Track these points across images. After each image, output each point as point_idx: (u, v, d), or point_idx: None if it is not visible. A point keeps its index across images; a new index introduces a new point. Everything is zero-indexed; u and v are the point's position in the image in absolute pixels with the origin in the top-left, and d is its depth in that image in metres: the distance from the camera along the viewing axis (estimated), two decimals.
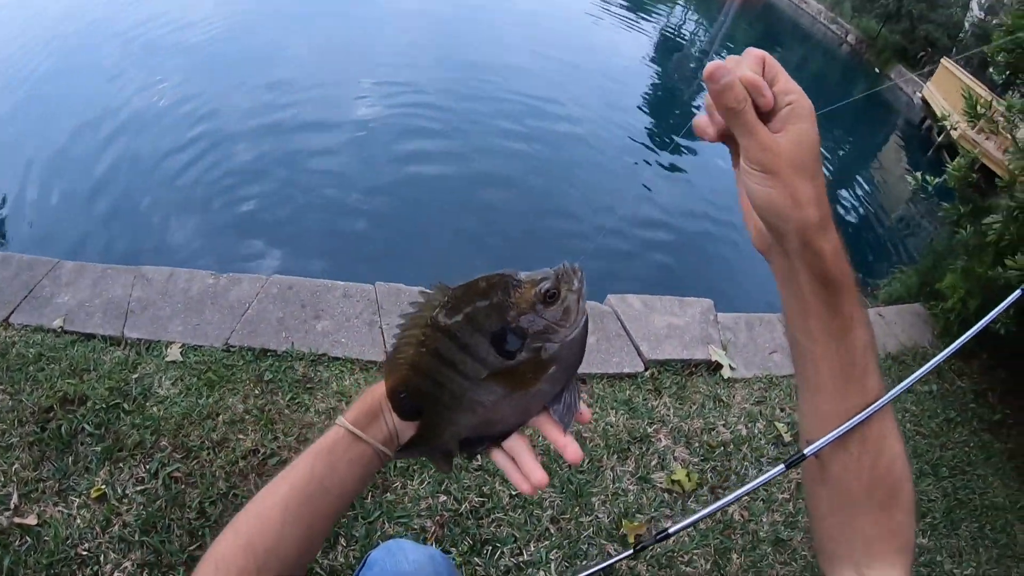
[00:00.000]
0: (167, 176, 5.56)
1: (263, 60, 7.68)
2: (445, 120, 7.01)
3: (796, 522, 2.78)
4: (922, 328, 4.47)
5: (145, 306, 2.88)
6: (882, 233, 8.18)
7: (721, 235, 6.40)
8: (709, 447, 2.98)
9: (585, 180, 6.66)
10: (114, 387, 2.47)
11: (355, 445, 0.77)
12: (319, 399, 2.67)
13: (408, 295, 3.26)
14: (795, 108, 0.61)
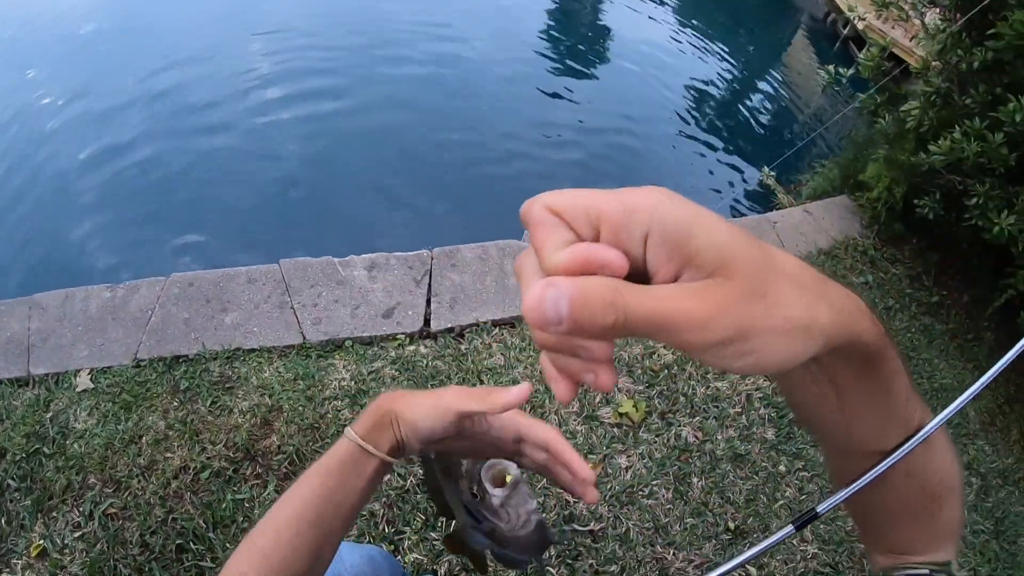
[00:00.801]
0: (45, 188, 5.51)
1: (140, 39, 7.46)
2: (337, 73, 6.95)
3: (751, 435, 3.07)
4: (850, 219, 4.80)
5: (45, 337, 2.96)
6: (798, 130, 8.41)
7: (631, 150, 6.52)
8: (652, 372, 3.23)
9: (494, 107, 6.73)
10: (30, 432, 2.59)
11: (364, 458, 0.84)
12: (241, 397, 2.81)
13: (316, 267, 3.38)
14: (656, 234, 0.39)
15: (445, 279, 3.43)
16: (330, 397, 2.85)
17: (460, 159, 5.94)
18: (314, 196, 5.28)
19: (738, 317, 0.37)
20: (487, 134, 6.40)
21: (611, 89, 7.87)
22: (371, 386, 2.92)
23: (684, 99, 8.05)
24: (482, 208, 5.38)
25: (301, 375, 2.92)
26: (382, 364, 3.04)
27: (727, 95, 8.70)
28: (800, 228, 4.54)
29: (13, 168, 5.68)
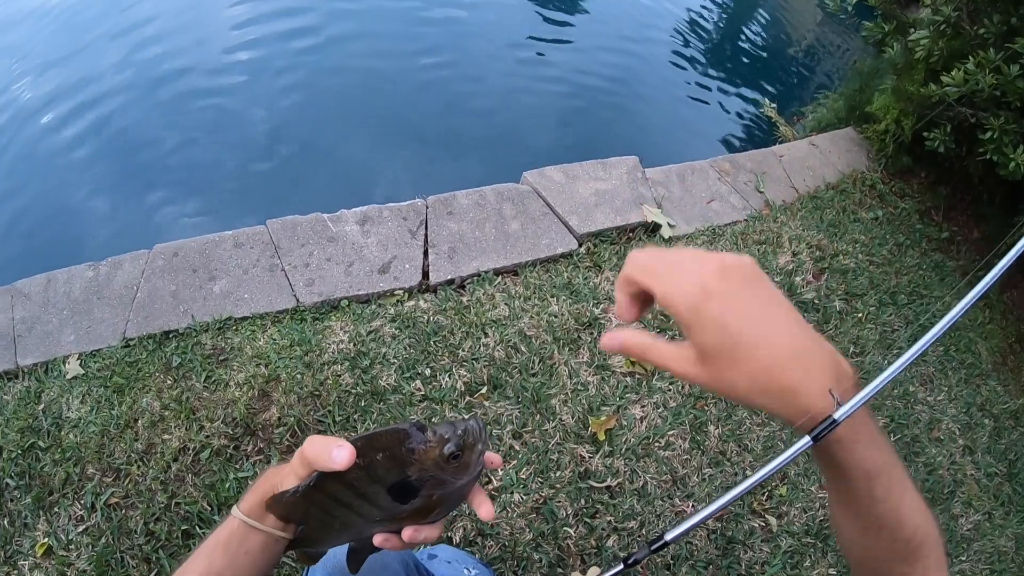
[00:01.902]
0: (15, 166, 5.40)
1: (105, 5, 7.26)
2: (312, 17, 6.76)
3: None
4: (857, 152, 4.72)
5: (31, 325, 2.88)
6: (800, 60, 8.19)
7: (625, 87, 6.34)
8: (663, 317, 3.18)
9: (481, 59, 6.55)
10: (24, 427, 2.53)
11: (252, 535, 0.80)
12: (236, 369, 2.74)
13: (305, 225, 3.28)
14: (665, 305, 0.64)
15: (442, 228, 3.34)
16: (329, 362, 2.79)
17: (447, 100, 5.78)
18: (300, 152, 5.14)
19: (704, 383, 0.63)
20: (474, 71, 6.24)
21: (602, 19, 7.65)
22: (371, 347, 2.85)
23: (677, 29, 7.83)
24: (475, 150, 5.24)
25: (297, 341, 2.85)
26: (381, 323, 2.97)
27: (723, 24, 8.46)
28: (807, 162, 4.44)
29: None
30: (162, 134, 5.36)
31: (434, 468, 0.71)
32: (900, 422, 3.07)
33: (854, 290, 3.58)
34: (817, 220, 3.98)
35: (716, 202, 3.85)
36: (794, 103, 6.39)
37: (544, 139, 5.43)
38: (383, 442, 0.71)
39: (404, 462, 0.71)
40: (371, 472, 0.71)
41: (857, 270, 3.71)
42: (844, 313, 3.44)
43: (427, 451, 0.71)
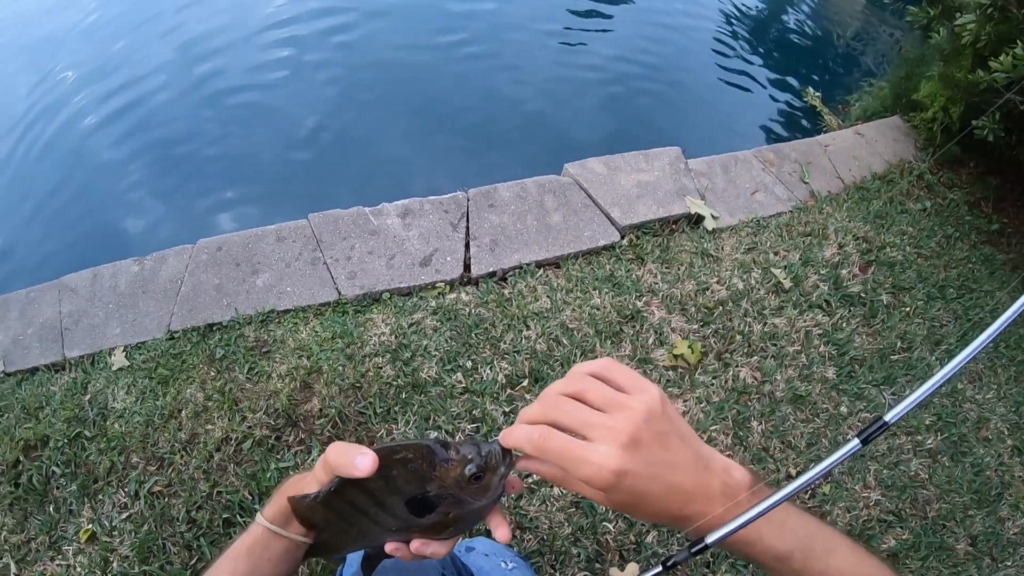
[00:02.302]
0: (62, 165, 5.53)
1: (147, 8, 7.43)
2: (349, 12, 6.82)
3: (811, 374, 2.98)
4: (904, 142, 4.57)
5: (78, 319, 2.94)
6: (846, 46, 8.03)
7: (666, 75, 6.27)
8: (707, 309, 3.12)
9: (521, 49, 6.54)
10: (71, 417, 2.58)
11: (276, 541, 0.82)
12: (279, 361, 2.77)
13: (347, 219, 3.29)
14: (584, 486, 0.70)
15: (483, 221, 3.33)
16: (370, 354, 2.80)
17: (487, 91, 5.78)
18: (340, 145, 5.18)
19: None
20: (513, 61, 6.22)
21: (642, 6, 7.61)
22: (412, 339, 2.85)
23: (720, 16, 7.74)
24: (516, 141, 5.22)
25: (339, 333, 2.86)
26: (422, 315, 2.97)
27: (766, 10, 8.34)
28: (852, 151, 4.32)
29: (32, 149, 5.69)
30: (204, 130, 5.44)
31: (454, 487, 0.72)
32: (947, 420, 2.98)
33: (902, 283, 3.48)
34: (864, 211, 3.88)
35: (760, 193, 3.78)
36: (839, 91, 6.26)
37: (585, 129, 5.40)
38: (406, 455, 0.71)
39: (425, 478, 0.72)
40: (391, 483, 0.72)
41: (905, 263, 3.61)
42: (891, 307, 3.35)
43: (449, 470, 0.72)
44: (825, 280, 3.36)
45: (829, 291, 3.31)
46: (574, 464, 0.66)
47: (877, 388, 2.97)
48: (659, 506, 0.68)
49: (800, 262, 3.41)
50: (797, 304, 3.22)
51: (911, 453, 2.82)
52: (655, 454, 0.67)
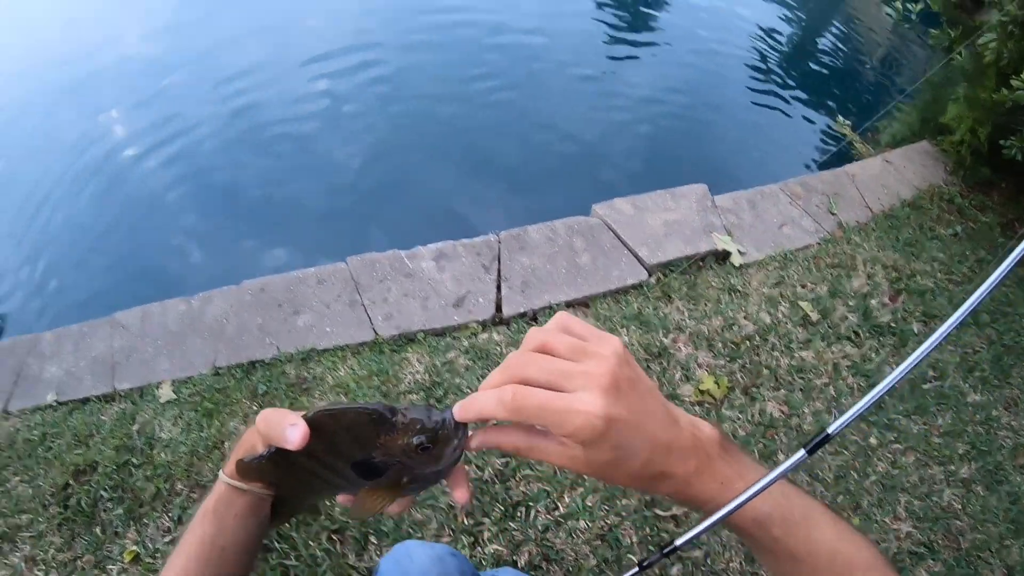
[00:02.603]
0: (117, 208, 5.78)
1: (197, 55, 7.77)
2: (385, 61, 7.05)
3: (840, 406, 2.95)
4: (933, 166, 4.57)
5: (128, 354, 3.12)
6: (874, 73, 8.04)
7: (695, 112, 6.34)
8: (734, 345, 3.16)
9: (550, 89, 6.68)
10: (119, 445, 2.73)
11: (238, 497, 0.80)
12: (318, 397, 2.89)
13: (383, 262, 3.43)
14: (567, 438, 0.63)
15: (514, 263, 3.43)
16: (405, 391, 2.90)
17: (518, 134, 5.91)
18: (378, 188, 5.35)
19: (587, 475, 0.65)
20: (542, 103, 6.35)
21: (670, 44, 7.70)
22: (445, 377, 2.95)
23: (747, 51, 7.79)
24: (545, 184, 5.33)
25: (375, 371, 2.97)
26: (456, 354, 3.07)
27: (792, 41, 8.37)
28: (881, 179, 4.34)
29: (85, 189, 5.97)
30: (246, 173, 5.68)
31: (401, 455, 0.67)
32: (982, 448, 2.94)
33: (933, 311, 3.46)
34: (893, 240, 3.89)
35: (787, 227, 3.83)
36: (870, 118, 6.27)
37: (614, 168, 5.49)
38: (348, 420, 0.67)
39: (368, 445, 0.68)
40: (333, 448, 0.69)
41: (936, 290, 3.59)
42: (922, 336, 3.31)
43: (394, 439, 0.67)
44: (853, 311, 3.37)
45: (858, 322, 3.32)
46: (558, 417, 0.59)
47: (908, 419, 2.96)
48: (638, 462, 0.63)
49: (828, 294, 3.43)
50: (825, 336, 3.24)
51: (944, 483, 2.79)
52: (634, 400, 0.62)
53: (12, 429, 2.98)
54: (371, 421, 0.67)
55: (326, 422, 0.67)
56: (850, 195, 4.18)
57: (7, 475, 2.79)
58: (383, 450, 0.67)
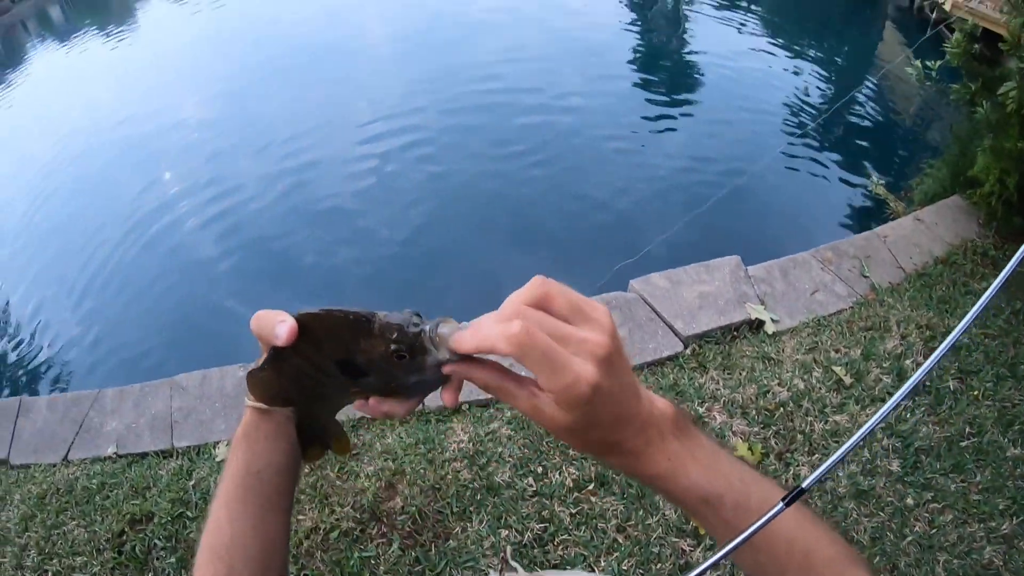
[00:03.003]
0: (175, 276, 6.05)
1: (260, 127, 8.11)
2: (439, 143, 7.29)
3: (875, 468, 2.97)
4: (965, 221, 4.53)
5: (187, 414, 3.33)
6: (902, 132, 8.08)
7: (723, 183, 6.43)
8: (768, 412, 3.21)
9: (587, 161, 6.84)
10: (175, 498, 2.90)
11: (266, 419, 0.81)
12: (366, 463, 3.06)
13: None
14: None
15: None
16: (449, 459, 3.04)
17: (557, 208, 6.06)
18: (420, 259, 5.53)
19: (547, 429, 0.62)
20: (579, 176, 6.51)
21: (707, 117, 7.86)
22: (488, 446, 3.09)
23: (783, 116, 7.91)
24: (586, 257, 5.47)
25: (422, 440, 3.14)
26: (498, 424, 3.21)
27: (825, 105, 8.44)
28: (912, 239, 4.36)
29: (149, 261, 6.24)
30: (300, 246, 5.91)
31: (382, 362, 0.67)
32: (1023, 503, 2.89)
33: (968, 367, 3.43)
34: (926, 298, 3.88)
35: (820, 292, 3.89)
36: (903, 176, 6.26)
37: (650, 239, 5.59)
38: (329, 322, 0.68)
39: (349, 348, 0.68)
40: (319, 349, 0.70)
41: (971, 345, 3.56)
42: (958, 392, 3.31)
43: (372, 345, 0.66)
44: (888, 373, 3.38)
45: (892, 383, 3.32)
46: (554, 369, 0.58)
47: (945, 477, 2.94)
48: (605, 432, 0.63)
49: (862, 357, 3.45)
50: (859, 399, 3.26)
51: (984, 540, 2.75)
52: (621, 374, 0.62)
53: (71, 476, 3.22)
54: (349, 324, 0.67)
55: (310, 322, 0.68)
56: (882, 257, 4.21)
57: (64, 519, 3.00)
58: (364, 354, 0.68)
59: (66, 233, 7.76)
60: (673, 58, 10.82)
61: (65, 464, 3.34)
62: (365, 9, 14.99)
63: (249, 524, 0.79)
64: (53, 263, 7.36)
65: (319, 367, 0.71)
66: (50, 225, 8.15)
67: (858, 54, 10.61)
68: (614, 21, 12.25)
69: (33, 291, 7.08)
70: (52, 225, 8.13)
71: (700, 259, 4.05)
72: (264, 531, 0.80)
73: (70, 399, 3.65)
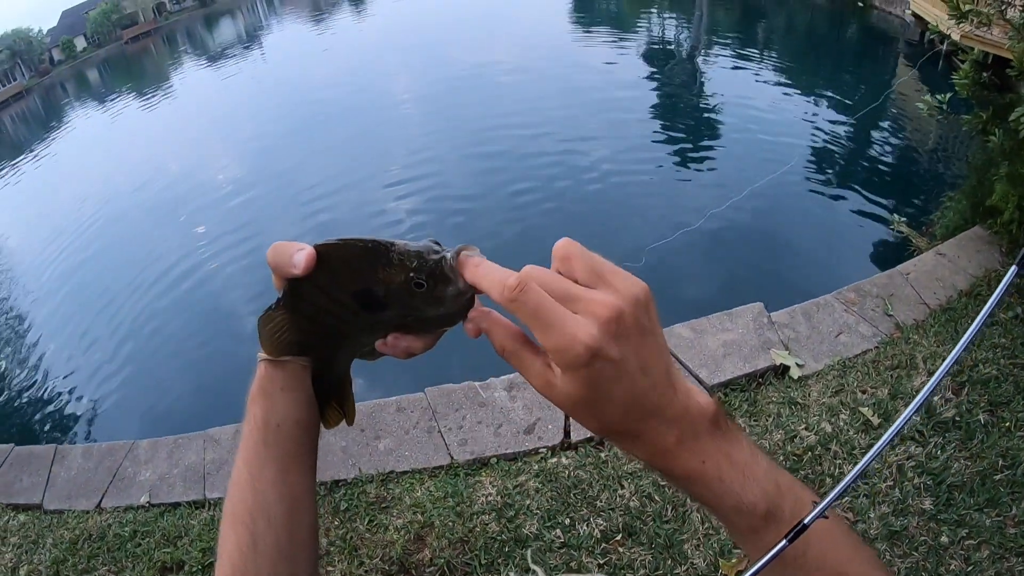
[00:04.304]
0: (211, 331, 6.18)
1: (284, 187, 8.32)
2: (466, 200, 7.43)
3: (907, 507, 2.89)
4: (987, 251, 4.46)
5: (219, 466, 3.42)
6: (922, 166, 8.09)
7: (746, 230, 6.48)
8: (795, 456, 3.17)
9: (615, 204, 6.93)
10: (206, 548, 2.95)
11: (279, 370, 0.77)
12: (395, 516, 3.09)
13: (459, 392, 3.67)
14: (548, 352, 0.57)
15: None
16: (478, 512, 3.05)
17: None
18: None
19: (557, 405, 0.59)
20: (609, 231, 6.56)
21: (730, 163, 7.93)
22: (516, 499, 3.09)
23: (803, 158, 7.95)
24: None
25: (450, 493, 3.16)
26: (526, 478, 3.21)
27: (845, 144, 8.48)
28: (935, 274, 4.29)
29: (182, 315, 6.38)
30: None
31: (401, 292, 0.65)
32: None
33: (998, 399, 3.33)
34: (952, 332, 3.79)
35: (844, 334, 3.84)
36: (923, 211, 6.22)
37: (675, 290, 5.60)
38: (347, 251, 0.66)
39: (368, 279, 0.66)
40: (336, 280, 0.68)
41: (1000, 377, 3.44)
42: (989, 426, 3.20)
43: (391, 274, 0.64)
44: (916, 411, 3.29)
45: (921, 420, 3.26)
46: (545, 327, 0.55)
47: (980, 512, 2.84)
48: (613, 414, 0.58)
49: (889, 396, 3.40)
50: None
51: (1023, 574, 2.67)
52: (632, 348, 0.56)
53: (104, 524, 3.30)
54: (368, 252, 0.65)
55: (329, 251, 0.66)
56: (905, 294, 4.15)
57: (96, 564, 3.08)
58: (382, 285, 0.65)
59: (102, 287, 7.96)
60: (691, 105, 10.96)
61: (98, 511, 3.43)
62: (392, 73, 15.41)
63: (270, 483, 0.75)
64: (90, 317, 7.55)
65: (337, 300, 0.69)
66: (87, 278, 8.38)
67: (872, 91, 10.67)
68: (634, 77, 12.46)
69: (71, 343, 7.25)
70: (89, 278, 8.36)
71: (723, 307, 4.05)
72: (287, 490, 0.76)
73: (105, 448, 3.77)
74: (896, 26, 15.45)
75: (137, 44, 65.42)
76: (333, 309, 0.70)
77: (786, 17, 21.60)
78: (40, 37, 66.26)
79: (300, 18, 44.24)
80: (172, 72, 23.85)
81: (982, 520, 2.81)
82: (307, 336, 0.74)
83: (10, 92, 52.18)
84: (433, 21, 25.52)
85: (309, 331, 0.73)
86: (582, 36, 19.79)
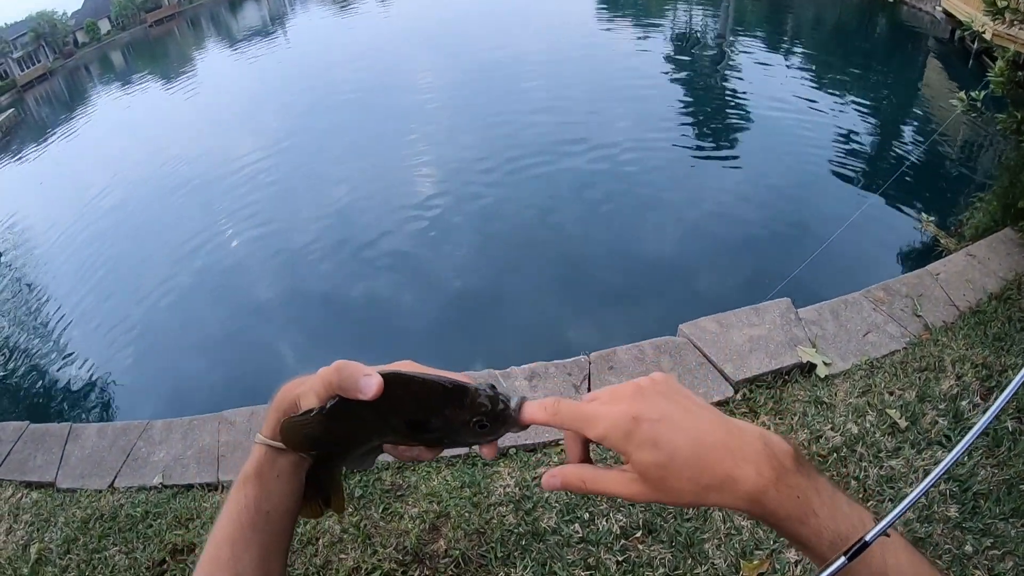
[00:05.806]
0: (231, 320, 6.15)
1: (320, 192, 8.30)
2: (486, 191, 7.40)
3: (931, 514, 2.83)
4: (1019, 253, 4.39)
5: (234, 448, 3.36)
6: (950, 165, 7.98)
7: (774, 226, 6.42)
8: (820, 457, 3.10)
9: (640, 202, 6.89)
10: None
11: (280, 459, 0.79)
12: (410, 504, 3.03)
13: (478, 380, 3.53)
14: (604, 444, 0.66)
15: (604, 382, 3.51)
16: (495, 503, 2.98)
17: (610, 260, 6.05)
18: (474, 311, 5.53)
19: (652, 499, 0.64)
20: (635, 227, 6.50)
21: (756, 162, 7.88)
22: (534, 491, 3.02)
23: (831, 157, 7.87)
24: (634, 304, 5.44)
25: (467, 483, 3.09)
26: (545, 469, 3.10)
27: (873, 143, 8.39)
28: (965, 275, 4.21)
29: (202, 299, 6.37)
30: (349, 294, 5.95)
31: (458, 426, 0.70)
32: None
33: None
34: (981, 336, 3.71)
35: (872, 334, 3.76)
36: (952, 211, 6.14)
37: (701, 283, 5.55)
38: (417, 387, 0.70)
39: (431, 412, 0.70)
40: (397, 407, 0.70)
41: None
42: (1018, 433, 3.12)
43: (459, 414, 0.69)
44: (944, 415, 3.22)
45: (948, 425, 3.17)
46: (588, 420, 0.66)
47: (1005, 522, 2.78)
48: (696, 466, 0.62)
49: (916, 399, 3.32)
50: (915, 443, 3.12)
51: None
52: (663, 401, 0.65)
53: (116, 503, 3.27)
54: (445, 393, 0.70)
55: (394, 384, 0.69)
56: (935, 295, 4.07)
57: (107, 544, 3.05)
58: (443, 419, 0.70)
59: (124, 269, 7.96)
60: (717, 103, 10.87)
61: (111, 491, 3.40)
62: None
63: (254, 564, 0.77)
64: (111, 298, 7.54)
65: (387, 422, 0.72)
66: (108, 259, 8.38)
67: (902, 89, 10.55)
68: (663, 80, 12.40)
69: (90, 323, 7.24)
70: (110, 259, 8.36)
71: (749, 302, 3.98)
72: (267, 569, 0.79)
73: (119, 428, 3.73)
74: (926, 23, 15.33)
75: (161, 27, 66.09)
76: (378, 428, 0.74)
77: (814, 11, 21.47)
78: (64, 19, 66.78)
79: (324, 3, 44.36)
80: (195, 55, 23.97)
81: (1008, 530, 2.75)
82: (330, 436, 0.76)
83: (34, 73, 53.29)
84: None
85: (335, 433, 0.75)
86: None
